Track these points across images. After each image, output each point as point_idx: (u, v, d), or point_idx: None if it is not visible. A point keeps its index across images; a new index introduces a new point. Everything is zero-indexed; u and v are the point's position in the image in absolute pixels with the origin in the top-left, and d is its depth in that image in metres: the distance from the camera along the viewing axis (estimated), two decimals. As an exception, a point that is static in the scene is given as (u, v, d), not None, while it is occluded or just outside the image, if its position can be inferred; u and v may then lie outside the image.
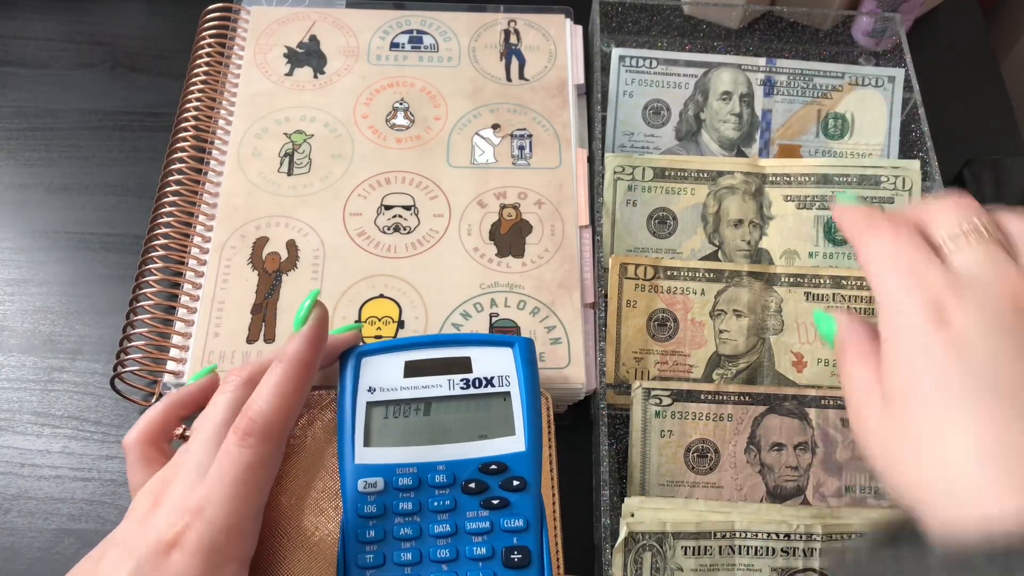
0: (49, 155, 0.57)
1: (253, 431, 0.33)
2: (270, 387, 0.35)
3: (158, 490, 0.34)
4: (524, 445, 0.39)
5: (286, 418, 0.35)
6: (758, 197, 0.51)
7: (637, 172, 0.51)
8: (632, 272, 0.49)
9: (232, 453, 0.33)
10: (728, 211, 0.50)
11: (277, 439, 0.34)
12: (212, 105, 0.55)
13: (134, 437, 0.37)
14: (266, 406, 0.34)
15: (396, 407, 0.40)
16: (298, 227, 0.51)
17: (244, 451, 0.33)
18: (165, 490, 0.33)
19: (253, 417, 0.34)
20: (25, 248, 0.54)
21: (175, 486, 0.33)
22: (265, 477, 0.34)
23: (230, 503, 0.32)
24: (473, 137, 0.55)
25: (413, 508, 0.37)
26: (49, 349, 0.50)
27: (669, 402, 0.45)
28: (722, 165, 0.53)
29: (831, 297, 0.49)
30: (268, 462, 0.34)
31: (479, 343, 0.42)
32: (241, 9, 0.60)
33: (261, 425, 0.33)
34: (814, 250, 0.51)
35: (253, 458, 0.33)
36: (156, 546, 0.31)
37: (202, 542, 0.31)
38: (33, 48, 0.62)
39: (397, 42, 0.59)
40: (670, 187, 0.51)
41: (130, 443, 0.36)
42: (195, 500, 0.32)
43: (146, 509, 0.33)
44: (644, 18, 0.61)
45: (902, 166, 0.53)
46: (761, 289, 0.49)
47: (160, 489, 0.33)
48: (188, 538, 0.31)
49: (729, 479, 0.45)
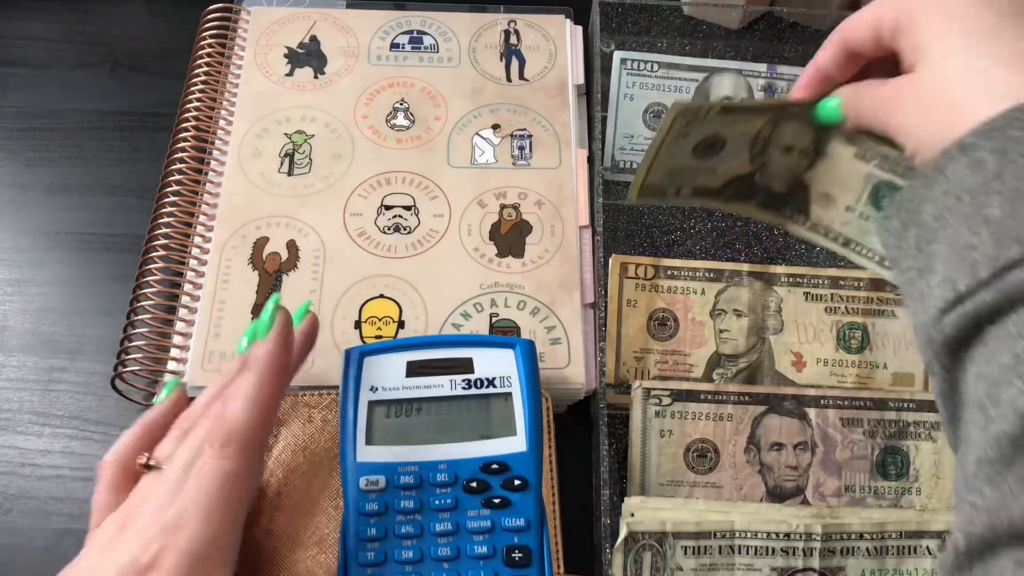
0: (50, 155, 0.57)
1: (230, 441, 0.32)
2: (244, 395, 0.34)
3: (124, 515, 0.33)
4: (525, 445, 0.39)
5: (263, 426, 0.34)
6: (819, 131, 0.46)
7: (702, 112, 0.40)
8: (632, 272, 0.49)
9: (209, 464, 0.32)
10: (782, 135, 0.44)
11: (255, 448, 0.34)
12: (213, 105, 0.55)
13: (109, 459, 0.35)
14: (242, 415, 0.33)
15: (398, 406, 0.40)
16: (298, 227, 0.51)
17: (222, 462, 0.32)
18: (133, 513, 0.32)
19: (231, 427, 0.33)
20: (26, 248, 0.54)
21: (145, 508, 0.32)
22: (243, 486, 0.33)
23: (208, 516, 0.31)
24: (473, 137, 0.55)
25: (415, 506, 0.37)
26: (50, 349, 0.50)
27: (669, 402, 0.45)
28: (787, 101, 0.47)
29: (830, 297, 0.49)
30: (246, 471, 0.33)
31: (481, 344, 0.42)
32: (241, 9, 0.60)
33: (239, 435, 0.33)
34: (852, 205, 0.47)
35: (230, 468, 0.32)
36: (129, 570, 0.30)
37: (181, 561, 0.30)
38: (34, 48, 0.62)
39: (397, 42, 0.59)
40: (729, 120, 0.41)
41: (104, 465, 0.35)
42: (170, 518, 0.31)
43: (111, 535, 0.32)
44: (644, 18, 0.61)
45: None
46: (761, 289, 0.50)
47: (127, 514, 0.32)
48: (165, 558, 0.30)
49: (729, 479, 0.45)
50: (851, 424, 0.46)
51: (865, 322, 0.49)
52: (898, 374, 0.49)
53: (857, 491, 0.45)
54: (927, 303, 0.29)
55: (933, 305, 0.28)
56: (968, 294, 0.27)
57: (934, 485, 0.45)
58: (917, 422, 0.46)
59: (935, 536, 0.42)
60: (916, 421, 0.46)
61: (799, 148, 0.43)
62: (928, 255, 0.29)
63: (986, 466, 0.25)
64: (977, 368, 0.27)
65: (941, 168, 0.29)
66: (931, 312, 0.28)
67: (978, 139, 0.28)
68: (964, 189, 0.28)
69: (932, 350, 0.29)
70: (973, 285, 0.26)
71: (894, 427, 0.46)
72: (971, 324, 0.27)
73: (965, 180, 0.28)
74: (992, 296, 0.26)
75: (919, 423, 0.46)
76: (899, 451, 0.46)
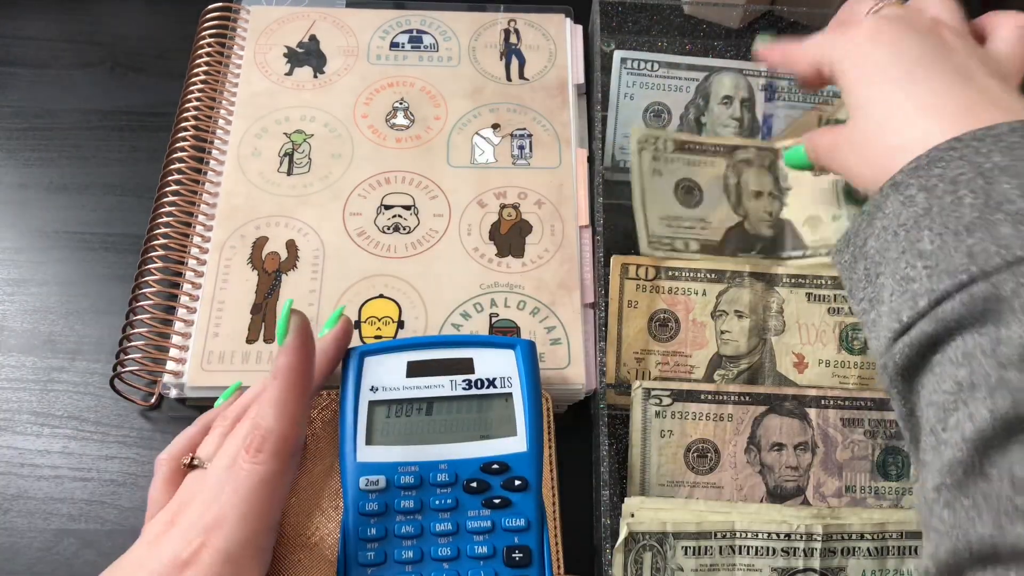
0: (49, 155, 0.57)
1: (263, 447, 0.34)
2: (270, 402, 0.35)
3: (174, 512, 0.34)
4: (526, 446, 0.39)
5: (292, 430, 0.35)
6: (773, 170, 0.52)
7: (660, 143, 0.52)
8: (633, 272, 0.49)
9: (245, 469, 0.34)
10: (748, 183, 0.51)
11: (288, 452, 0.35)
12: (212, 105, 0.55)
13: (165, 456, 0.38)
14: (272, 421, 0.35)
15: (398, 406, 0.40)
16: (298, 227, 0.51)
17: (256, 467, 0.34)
18: (182, 512, 0.34)
19: (263, 434, 0.34)
20: (25, 248, 0.54)
21: (193, 507, 0.34)
22: (279, 490, 0.35)
23: (245, 519, 0.33)
24: (473, 137, 0.55)
25: (415, 506, 0.37)
26: (49, 349, 0.50)
27: (669, 402, 0.45)
28: (734, 142, 0.53)
29: (832, 298, 0.49)
30: (280, 476, 0.35)
31: (481, 344, 0.42)
32: (241, 9, 0.60)
33: (271, 441, 0.34)
34: (837, 213, 0.51)
35: (265, 473, 0.34)
36: (171, 565, 0.32)
37: (217, 558, 0.32)
38: (33, 48, 0.62)
39: (397, 42, 0.59)
40: (691, 159, 0.53)
41: (160, 461, 0.38)
42: (210, 518, 0.33)
43: (160, 531, 0.34)
44: (644, 18, 0.61)
45: None
46: (763, 290, 0.49)
47: (176, 511, 0.34)
48: (203, 555, 0.32)
49: (729, 479, 0.45)
50: (852, 424, 0.46)
51: (866, 322, 0.49)
52: (899, 374, 0.49)
53: (858, 491, 0.45)
54: (879, 332, 0.31)
55: (884, 335, 0.30)
56: (911, 324, 0.29)
57: (935, 486, 0.45)
58: (918, 422, 0.46)
59: (936, 537, 0.42)
60: (917, 421, 0.46)
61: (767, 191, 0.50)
62: (876, 287, 0.31)
63: (944, 492, 0.27)
64: (927, 394, 0.29)
65: (879, 205, 0.32)
66: (883, 341, 0.31)
67: (907, 177, 0.31)
68: (899, 224, 0.30)
69: (888, 377, 0.31)
70: (914, 316, 0.29)
71: (895, 427, 0.46)
72: (917, 353, 0.29)
73: (900, 215, 0.30)
74: (932, 326, 0.28)
75: (920, 423, 0.46)
76: (900, 451, 0.46)
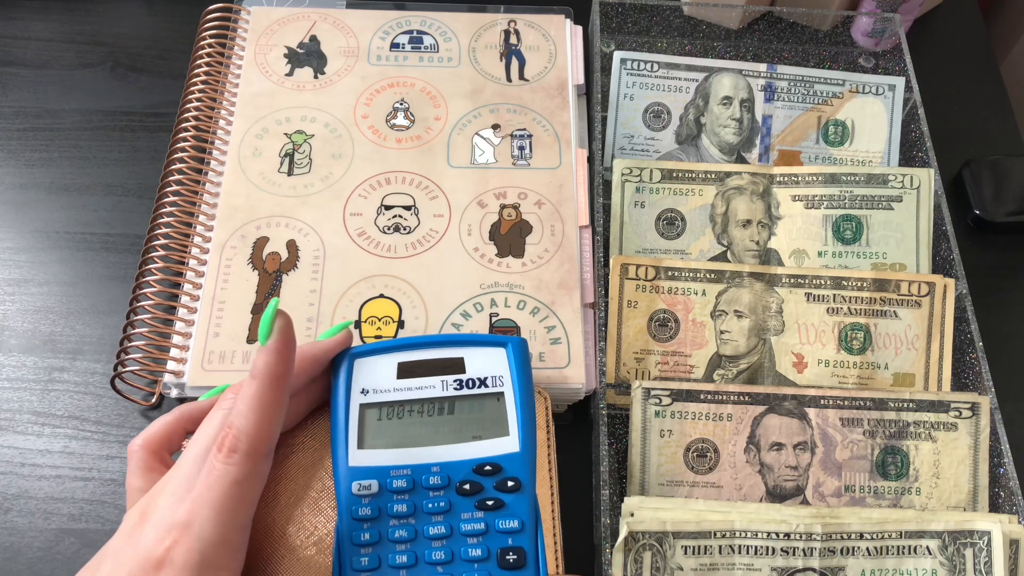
0: (50, 155, 0.57)
1: (236, 447, 0.33)
2: (246, 403, 0.34)
3: (146, 504, 0.34)
4: (518, 446, 0.39)
5: (267, 432, 0.34)
6: (766, 197, 0.51)
7: (645, 174, 0.52)
8: (633, 272, 0.49)
9: (217, 469, 0.33)
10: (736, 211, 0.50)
11: (261, 453, 0.34)
12: (212, 105, 0.55)
13: (138, 443, 0.37)
14: (245, 422, 0.34)
15: (389, 409, 0.39)
16: (298, 227, 0.51)
17: (229, 468, 0.33)
18: (152, 503, 0.34)
19: (235, 434, 0.34)
20: (26, 248, 0.54)
21: (162, 500, 0.33)
22: (251, 491, 0.34)
23: (217, 518, 0.32)
24: (473, 137, 0.55)
25: (408, 510, 0.37)
26: (49, 349, 0.50)
27: (669, 402, 0.45)
28: (729, 168, 0.53)
29: (832, 298, 0.49)
30: (253, 477, 0.34)
31: (472, 343, 0.41)
32: (241, 9, 0.60)
33: (244, 442, 0.34)
34: (823, 249, 0.51)
35: (238, 474, 0.33)
36: (145, 562, 0.32)
37: (191, 558, 0.32)
38: (34, 48, 0.62)
39: (397, 42, 0.59)
40: (678, 188, 0.52)
41: (133, 448, 0.37)
42: (182, 515, 0.32)
43: (135, 523, 0.33)
44: (644, 18, 0.61)
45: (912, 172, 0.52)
46: (762, 290, 0.49)
47: (148, 503, 0.34)
48: (176, 555, 0.32)
49: (729, 479, 0.45)
50: (851, 424, 0.46)
51: (867, 323, 0.49)
52: (899, 374, 0.49)
53: (857, 491, 0.45)
54: None
55: None
56: None
57: (934, 485, 0.45)
58: (917, 422, 0.46)
59: (935, 536, 0.42)
60: (916, 421, 0.46)
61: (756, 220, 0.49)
62: None
63: None
64: None
65: None
66: None
67: None
68: None
69: None
70: None
71: (894, 427, 0.46)
72: None
73: None
74: None
75: (919, 423, 0.46)
76: (899, 451, 0.46)
